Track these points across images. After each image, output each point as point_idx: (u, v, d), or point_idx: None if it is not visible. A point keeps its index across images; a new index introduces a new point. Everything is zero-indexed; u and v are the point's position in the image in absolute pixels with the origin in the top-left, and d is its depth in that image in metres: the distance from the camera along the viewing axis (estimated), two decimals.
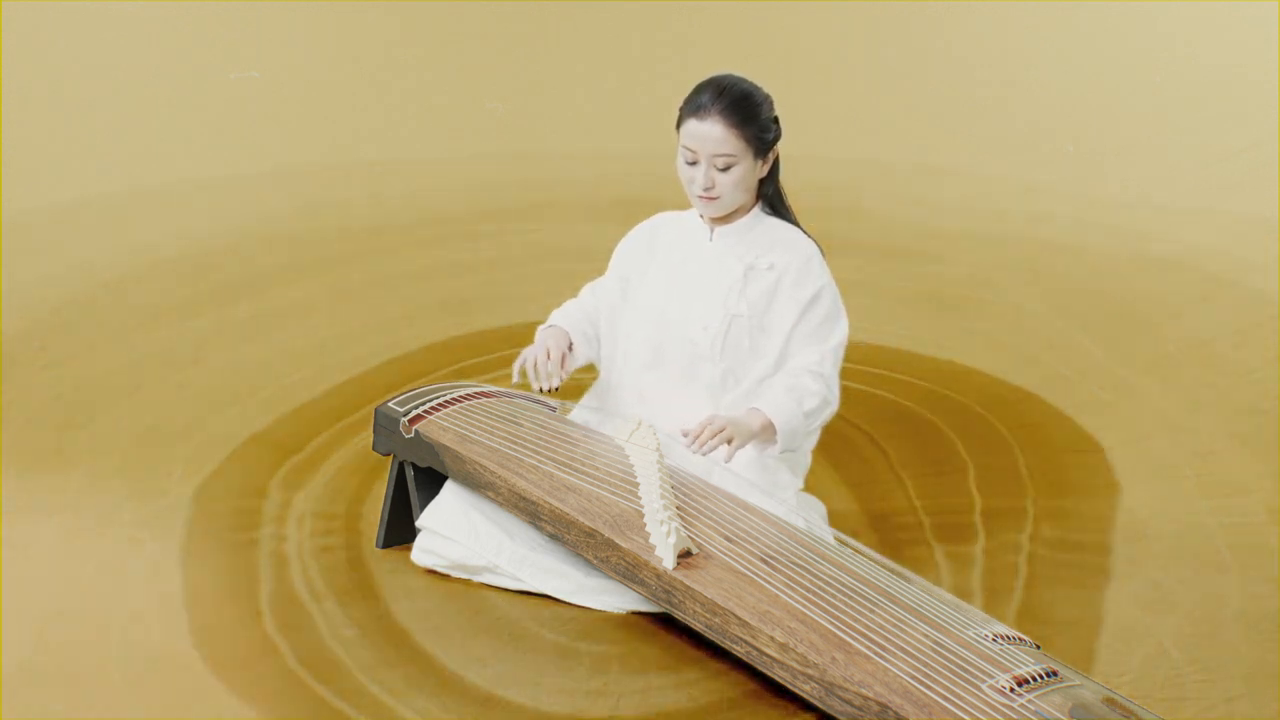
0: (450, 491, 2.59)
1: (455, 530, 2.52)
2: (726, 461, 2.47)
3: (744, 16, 4.37)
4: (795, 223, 2.71)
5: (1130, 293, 3.91)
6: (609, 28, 4.41)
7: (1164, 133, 4.09)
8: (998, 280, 4.04)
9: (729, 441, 2.44)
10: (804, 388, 2.54)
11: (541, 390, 2.61)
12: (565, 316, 2.78)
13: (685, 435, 2.46)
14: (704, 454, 2.44)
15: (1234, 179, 3.96)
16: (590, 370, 2.90)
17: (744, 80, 2.60)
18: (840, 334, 2.62)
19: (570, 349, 2.70)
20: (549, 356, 2.62)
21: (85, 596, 2.50)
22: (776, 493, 2.52)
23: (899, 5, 4.34)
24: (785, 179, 2.81)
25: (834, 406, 2.61)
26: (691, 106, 2.57)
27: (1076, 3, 4.22)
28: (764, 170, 2.63)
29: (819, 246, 2.68)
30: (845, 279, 2.72)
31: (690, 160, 2.58)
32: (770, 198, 2.68)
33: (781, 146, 2.68)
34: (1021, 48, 4.27)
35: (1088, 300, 3.94)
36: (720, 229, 2.68)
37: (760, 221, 2.68)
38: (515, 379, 2.67)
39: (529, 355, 2.64)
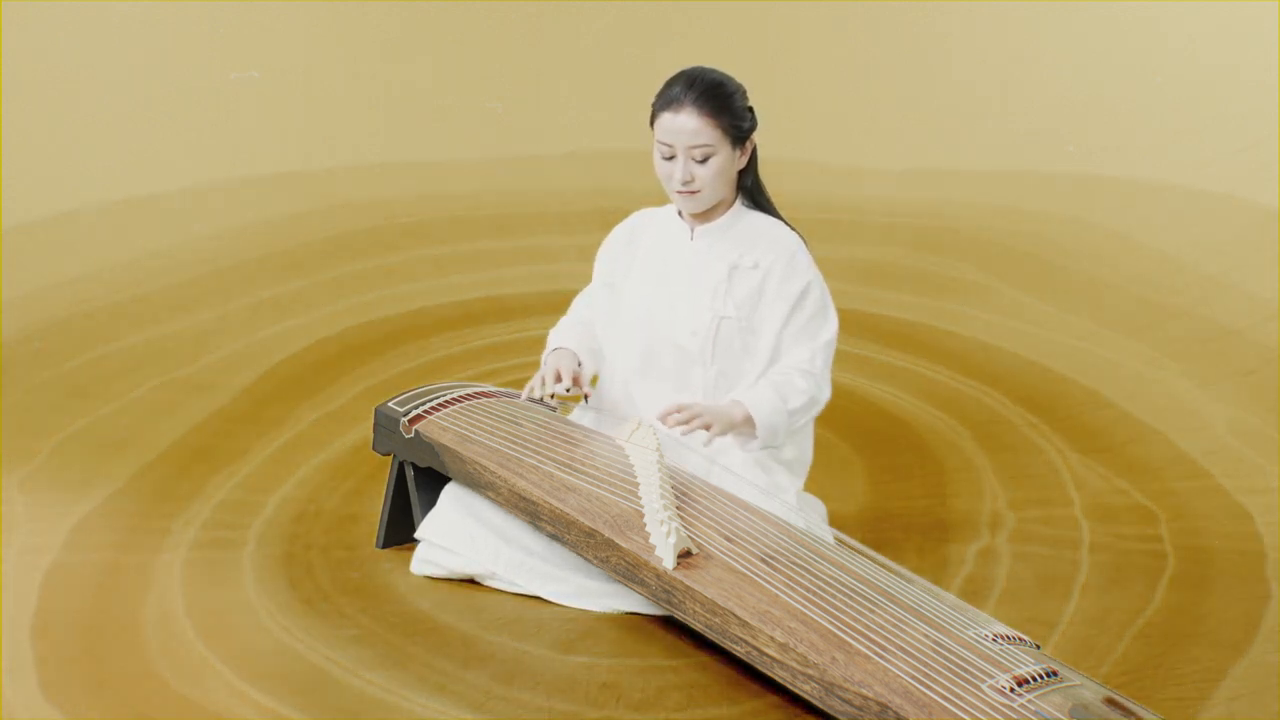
0: (447, 502, 2.58)
1: (453, 541, 2.52)
2: (706, 445, 2.47)
3: (745, 17, 4.37)
4: (776, 214, 2.68)
5: (1130, 292, 3.91)
6: (609, 28, 4.41)
7: (1164, 133, 4.09)
8: (999, 280, 4.04)
9: (706, 428, 2.44)
10: (791, 385, 2.54)
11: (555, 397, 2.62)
12: (565, 335, 2.76)
13: (659, 419, 2.46)
14: (678, 435, 2.43)
15: (1234, 178, 3.96)
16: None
17: (714, 70, 2.56)
18: (829, 330, 2.61)
19: (580, 366, 2.68)
20: (559, 379, 2.61)
21: (85, 597, 2.50)
22: (776, 493, 2.51)
23: (899, 5, 4.34)
24: (784, 181, 2.80)
25: (822, 405, 2.60)
26: (664, 100, 2.53)
27: (1076, 3, 4.22)
28: (742, 161, 2.60)
29: (802, 238, 2.65)
30: (844, 276, 2.72)
31: (667, 155, 2.53)
32: (750, 189, 2.65)
33: (780, 148, 2.67)
34: (1021, 48, 4.28)
35: (1087, 300, 3.94)
36: (701, 227, 2.64)
37: (741, 217, 2.64)
38: (524, 398, 2.68)
39: (538, 380, 2.64)
